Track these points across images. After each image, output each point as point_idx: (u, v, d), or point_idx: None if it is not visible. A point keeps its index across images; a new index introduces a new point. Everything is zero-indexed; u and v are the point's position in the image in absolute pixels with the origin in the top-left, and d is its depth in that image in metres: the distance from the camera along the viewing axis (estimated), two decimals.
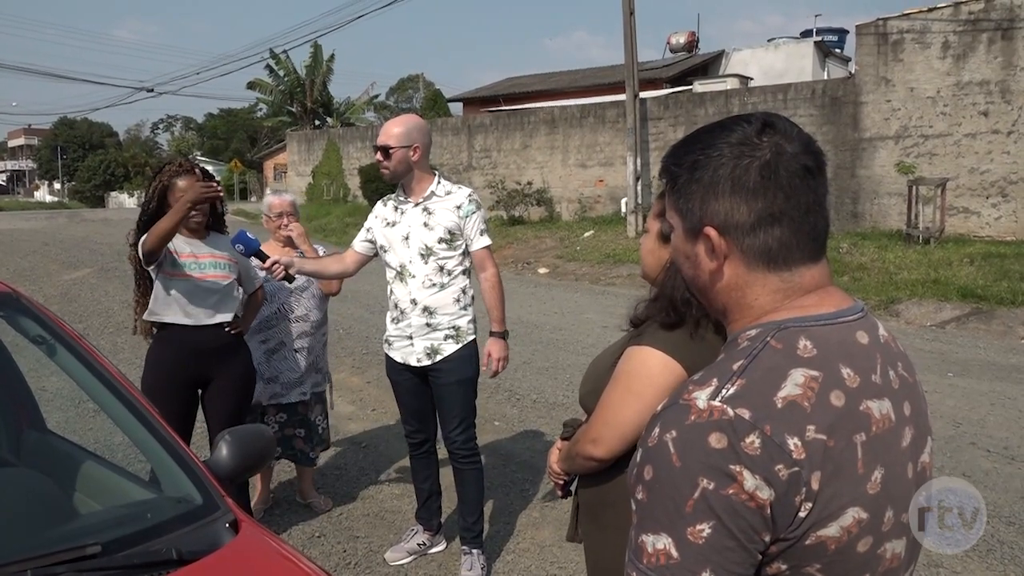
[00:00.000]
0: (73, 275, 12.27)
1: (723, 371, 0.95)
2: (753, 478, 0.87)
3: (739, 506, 0.87)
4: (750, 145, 0.99)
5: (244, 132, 57.08)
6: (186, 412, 3.41)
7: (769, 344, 0.96)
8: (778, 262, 0.99)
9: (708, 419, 0.90)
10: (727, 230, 1.00)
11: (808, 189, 0.99)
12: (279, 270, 3.18)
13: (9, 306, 2.18)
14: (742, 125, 1.01)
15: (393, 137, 3.22)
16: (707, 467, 0.88)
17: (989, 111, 12.29)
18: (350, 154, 23.91)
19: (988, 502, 4.17)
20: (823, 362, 0.94)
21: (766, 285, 1.00)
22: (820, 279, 1.02)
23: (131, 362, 6.67)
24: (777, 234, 0.98)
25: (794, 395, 0.91)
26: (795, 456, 0.88)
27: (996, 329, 8.68)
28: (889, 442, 0.96)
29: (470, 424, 3.40)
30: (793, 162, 0.98)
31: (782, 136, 0.99)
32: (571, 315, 9.66)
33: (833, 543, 0.91)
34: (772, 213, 0.98)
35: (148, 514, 1.83)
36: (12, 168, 78.55)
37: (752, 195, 0.98)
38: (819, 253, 1.02)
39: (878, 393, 0.97)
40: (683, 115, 15.98)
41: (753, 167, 0.98)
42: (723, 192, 0.99)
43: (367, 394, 6.22)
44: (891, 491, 0.95)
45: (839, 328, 0.99)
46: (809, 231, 0.99)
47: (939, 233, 12.06)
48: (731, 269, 1.01)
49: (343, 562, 3.57)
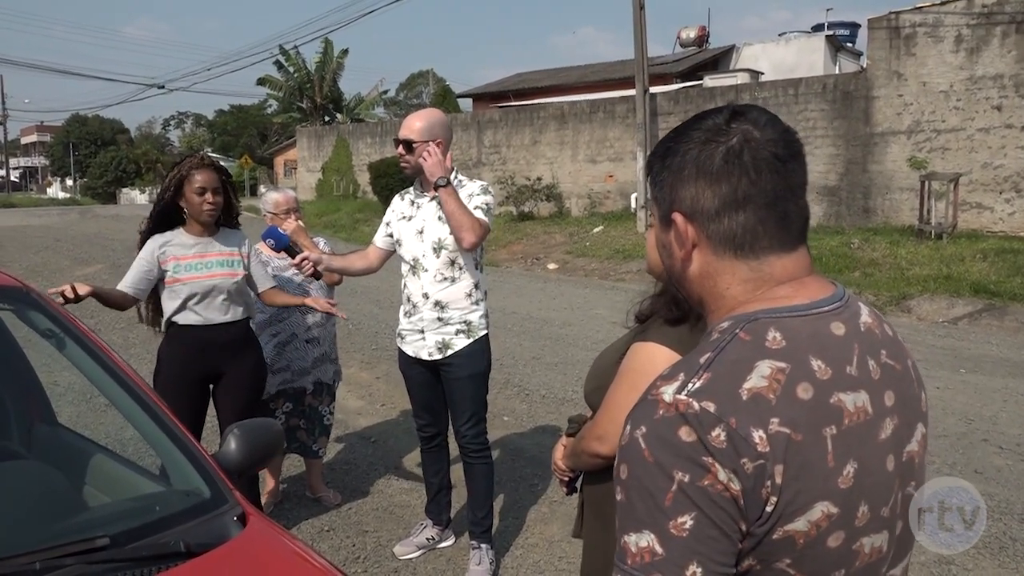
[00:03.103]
0: (85, 271, 12.34)
1: (691, 365, 0.94)
2: (723, 469, 0.87)
3: (716, 496, 0.87)
4: (717, 131, 0.99)
5: (254, 128, 57.26)
6: (198, 407, 3.43)
7: (737, 336, 0.94)
8: (744, 249, 0.99)
9: (675, 413, 0.89)
10: (693, 216, 1.00)
11: (777, 175, 0.98)
12: (308, 266, 3.21)
13: (19, 300, 2.19)
14: (713, 115, 1.02)
15: (416, 131, 3.21)
16: (680, 460, 0.88)
17: (1003, 105, 12.18)
18: (360, 150, 23.94)
19: (1000, 499, 4.14)
20: (791, 354, 0.92)
21: (735, 274, 1.00)
22: (794, 269, 1.00)
23: (142, 357, 6.70)
24: (742, 220, 0.98)
25: (759, 387, 0.90)
26: (759, 449, 0.87)
27: (1009, 325, 8.62)
28: (863, 435, 0.94)
29: (481, 419, 3.39)
30: (761, 149, 0.97)
31: (751, 123, 0.99)
32: (581, 311, 9.65)
33: (801, 537, 0.89)
34: (736, 199, 0.97)
35: (156, 507, 1.84)
36: (25, 165, 79.09)
37: (715, 179, 0.98)
38: (792, 242, 1.00)
39: (853, 385, 0.95)
40: (693, 110, 15.87)
41: (718, 152, 0.98)
42: (689, 177, 0.99)
43: (376, 389, 6.23)
44: (864, 485, 0.93)
45: (812, 319, 0.97)
46: (778, 218, 0.98)
47: (951, 228, 11.98)
48: (700, 257, 1.01)
49: (352, 556, 3.57)
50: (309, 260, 3.23)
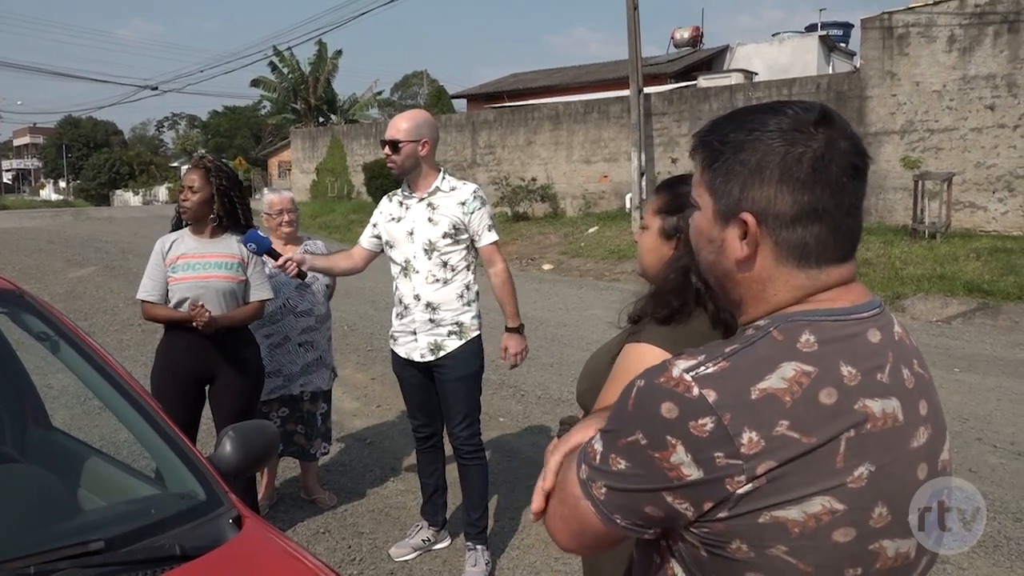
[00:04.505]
0: (79, 273, 12.30)
1: (714, 351, 0.94)
2: (685, 455, 0.90)
3: (655, 469, 0.92)
4: (805, 134, 0.94)
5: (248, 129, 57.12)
6: (193, 408, 3.44)
7: (771, 334, 0.94)
8: (810, 260, 0.97)
9: (672, 388, 0.92)
10: (765, 219, 0.96)
11: (853, 189, 0.96)
12: (292, 267, 3.22)
13: (13, 303, 2.18)
14: (797, 112, 0.96)
15: (402, 132, 3.22)
16: (648, 426, 0.93)
17: (996, 105, 12.23)
18: (354, 151, 23.91)
19: (995, 498, 4.15)
20: (821, 359, 0.92)
21: (789, 281, 0.98)
22: (845, 277, 1.00)
23: (136, 359, 6.68)
24: (816, 231, 0.95)
25: (775, 388, 0.90)
26: (743, 450, 0.88)
27: (1002, 324, 8.64)
28: (890, 441, 0.94)
29: (474, 420, 3.39)
30: (844, 159, 0.95)
31: (837, 131, 0.95)
32: (576, 311, 9.65)
33: (796, 527, 0.89)
34: (816, 209, 0.94)
35: (151, 510, 1.84)
36: (18, 167, 78.80)
37: (800, 187, 0.94)
38: (849, 256, 1.00)
39: (884, 392, 0.94)
40: (687, 110, 15.93)
41: (806, 158, 0.94)
42: (770, 179, 0.94)
43: (372, 390, 6.22)
44: (883, 488, 0.93)
45: (849, 324, 0.96)
46: (847, 232, 0.98)
47: (945, 228, 12.02)
48: (759, 260, 0.98)
49: (348, 558, 3.57)
50: (292, 261, 3.23)
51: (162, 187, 47.98)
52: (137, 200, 47.42)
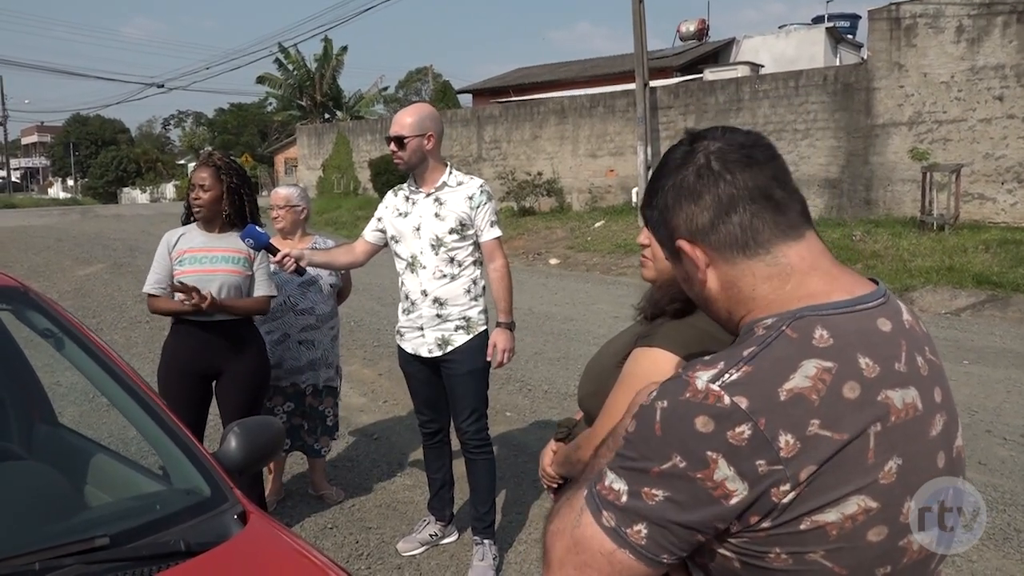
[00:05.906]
0: (87, 271, 12.34)
1: (732, 356, 0.93)
2: (728, 468, 0.87)
3: (701, 492, 0.88)
4: (688, 157, 1.04)
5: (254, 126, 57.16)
6: (199, 403, 3.45)
7: (784, 333, 0.93)
8: (751, 246, 1.00)
9: (702, 401, 0.90)
10: (695, 236, 1.03)
11: (752, 170, 1.01)
12: (290, 263, 3.20)
13: (18, 300, 2.18)
14: (677, 147, 1.08)
15: (407, 127, 3.20)
16: (685, 447, 0.89)
17: (1004, 96, 12.14)
18: (360, 147, 23.93)
19: (1004, 490, 4.13)
20: (839, 352, 0.91)
21: (755, 273, 1.00)
22: (810, 256, 1.00)
23: (144, 356, 6.71)
24: (736, 219, 1.00)
25: (802, 387, 0.89)
26: (782, 454, 0.87)
27: (1012, 316, 8.60)
28: (913, 431, 0.93)
29: (482, 415, 3.39)
30: (728, 153, 1.01)
31: (709, 139, 1.04)
32: (582, 305, 9.64)
33: (834, 529, 0.89)
34: (722, 203, 1.00)
35: (157, 506, 1.84)
36: (26, 165, 79.11)
37: (696, 195, 1.02)
38: (796, 227, 1.01)
39: (902, 382, 0.94)
40: (693, 103, 15.88)
41: (690, 172, 1.03)
42: (675, 205, 1.04)
43: (379, 386, 6.23)
44: (911, 482, 0.92)
45: (858, 316, 0.96)
46: (771, 208, 1.00)
47: (954, 220, 11.95)
48: (715, 271, 1.03)
49: (355, 553, 3.57)
50: (290, 256, 3.20)
51: (169, 184, 48.11)
52: (144, 198, 47.54)
